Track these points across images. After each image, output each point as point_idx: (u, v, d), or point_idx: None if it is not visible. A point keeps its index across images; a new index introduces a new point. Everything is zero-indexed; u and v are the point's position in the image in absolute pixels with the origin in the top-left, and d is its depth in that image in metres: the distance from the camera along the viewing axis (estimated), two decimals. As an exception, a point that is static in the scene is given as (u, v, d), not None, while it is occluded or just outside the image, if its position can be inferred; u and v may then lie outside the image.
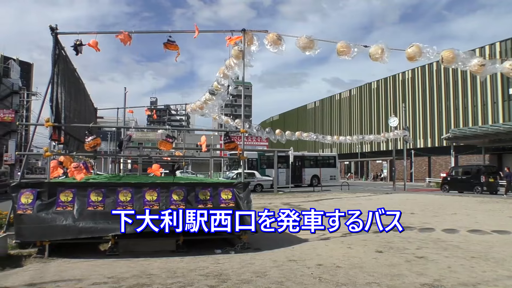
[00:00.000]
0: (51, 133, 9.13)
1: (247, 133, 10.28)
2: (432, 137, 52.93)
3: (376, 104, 64.42)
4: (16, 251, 8.70)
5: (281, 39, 9.61)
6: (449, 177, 33.07)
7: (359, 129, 67.16)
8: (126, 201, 8.61)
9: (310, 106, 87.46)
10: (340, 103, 75.53)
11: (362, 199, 24.77)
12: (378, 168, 65.39)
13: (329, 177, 40.83)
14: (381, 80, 64.13)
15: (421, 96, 54.69)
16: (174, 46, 9.87)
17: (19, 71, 77.78)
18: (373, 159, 64.40)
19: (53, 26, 9.24)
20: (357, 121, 69.04)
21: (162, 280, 6.51)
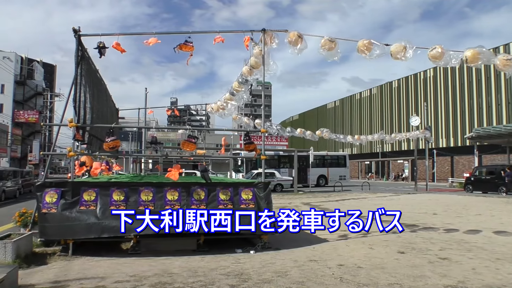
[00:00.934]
0: (75, 133, 9.27)
1: (267, 133, 10.27)
2: (454, 136, 52.09)
3: (397, 103, 63.71)
4: (41, 249, 8.87)
5: (302, 38, 9.56)
6: (472, 177, 32.44)
7: (380, 128, 66.41)
8: (148, 201, 8.70)
9: (330, 105, 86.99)
10: (360, 103, 74.94)
11: (383, 200, 24.52)
12: (400, 168, 64.65)
13: (338, 177, 39.40)
14: (402, 79, 63.40)
15: (444, 95, 53.86)
16: (190, 47, 9.89)
17: (43, 72, 79.35)
18: (394, 158, 63.68)
19: (76, 28, 9.38)
20: (378, 121, 68.39)
21: (183, 279, 6.56)
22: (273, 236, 9.40)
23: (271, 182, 10.26)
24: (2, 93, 62.27)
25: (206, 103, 18.78)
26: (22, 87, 66.16)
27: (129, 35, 10.70)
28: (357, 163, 74.59)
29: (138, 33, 10.60)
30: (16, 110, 62.65)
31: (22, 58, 69.84)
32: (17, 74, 64.93)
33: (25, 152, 63.87)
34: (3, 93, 62.32)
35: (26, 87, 67.10)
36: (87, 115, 10.25)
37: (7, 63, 60.22)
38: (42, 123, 63.04)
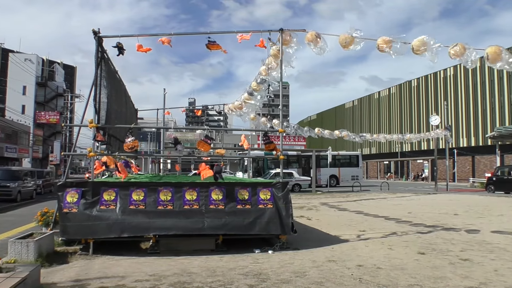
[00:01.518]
0: (95, 134, 9.39)
1: (285, 133, 10.25)
2: (476, 135, 51.26)
3: (416, 102, 62.99)
4: (62, 248, 9.00)
5: (320, 37, 9.50)
6: (494, 177, 31.86)
7: (399, 128, 65.87)
8: (167, 200, 8.76)
9: (348, 105, 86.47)
10: (379, 102, 74.31)
11: (403, 200, 24.26)
12: (419, 168, 63.90)
13: (350, 177, 38.71)
14: (421, 78, 62.65)
15: (464, 93, 53.05)
16: (216, 45, 9.95)
17: (63, 74, 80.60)
18: (414, 158, 62.96)
19: (95, 29, 9.50)
20: (397, 120, 67.73)
21: (202, 279, 6.58)
22: (292, 236, 9.38)
23: (289, 182, 10.21)
24: (24, 94, 63.43)
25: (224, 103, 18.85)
26: (43, 88, 67.31)
27: (148, 36, 10.78)
28: (376, 163, 74.01)
29: (157, 34, 10.68)
30: (37, 111, 63.76)
31: (43, 60, 71.10)
32: (38, 75, 66.08)
33: (46, 152, 64.97)
34: (25, 95, 63.49)
35: (47, 89, 68.27)
36: (106, 115, 10.36)
37: (29, 65, 61.33)
38: (63, 124, 64.02)
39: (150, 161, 31.72)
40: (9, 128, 48.18)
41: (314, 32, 9.57)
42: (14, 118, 53.32)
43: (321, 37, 9.56)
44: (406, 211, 17.27)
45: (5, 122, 48.43)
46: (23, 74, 59.53)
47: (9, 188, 21.69)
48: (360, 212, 17.15)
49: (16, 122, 52.92)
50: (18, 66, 58.32)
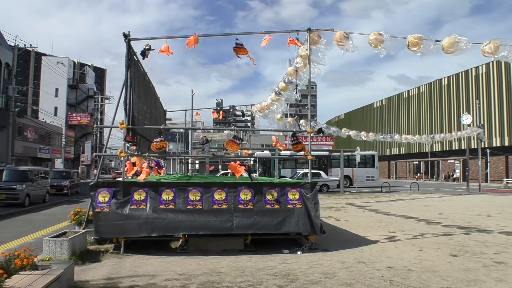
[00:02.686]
0: (125, 134, 9.55)
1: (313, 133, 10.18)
2: (509, 135, 49.81)
3: (447, 101, 61.66)
4: (94, 247, 9.20)
5: (348, 37, 9.41)
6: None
7: (429, 127, 64.62)
8: (196, 200, 8.84)
9: (376, 104, 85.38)
10: (408, 101, 73.10)
11: (433, 201, 23.80)
12: (450, 168, 62.56)
13: (365, 178, 37.30)
14: (452, 76, 61.32)
15: (497, 92, 51.64)
16: (243, 50, 9.93)
17: (94, 76, 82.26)
18: (445, 158, 61.66)
19: (126, 32, 9.65)
20: (427, 119, 66.45)
21: (231, 279, 6.61)
22: (320, 237, 9.33)
23: (317, 183, 10.16)
24: (57, 96, 65.12)
25: (251, 104, 18.90)
26: (75, 90, 68.98)
27: (176, 38, 10.90)
28: (405, 163, 72.81)
29: (185, 36, 10.76)
30: (69, 113, 65.34)
31: (74, 63, 72.81)
32: (70, 78, 67.73)
33: (78, 153, 66.48)
34: (57, 97, 65.17)
35: (78, 91, 69.90)
36: (136, 117, 10.52)
37: (61, 68, 62.90)
38: (95, 125, 65.44)
39: (178, 162, 32.07)
40: (42, 129, 49.51)
41: (343, 31, 9.48)
42: (47, 119, 54.78)
43: (349, 36, 9.46)
44: (437, 212, 16.93)
45: (39, 123, 49.79)
46: (55, 77, 61.13)
47: (15, 191, 19.27)
48: (390, 213, 16.91)
49: (49, 123, 54.33)
50: (50, 69, 59.90)
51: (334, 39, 9.48)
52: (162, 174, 16.38)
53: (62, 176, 29.16)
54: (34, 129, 46.50)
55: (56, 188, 26.12)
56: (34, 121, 49.83)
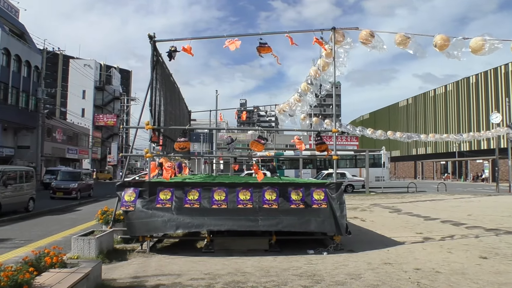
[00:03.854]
0: (151, 135, 9.66)
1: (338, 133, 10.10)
2: (541, 134, 48.36)
3: (475, 100, 60.32)
4: (121, 246, 9.34)
5: (374, 35, 9.29)
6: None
7: (457, 126, 63.34)
8: (221, 200, 8.87)
9: (402, 103, 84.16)
10: (434, 100, 71.81)
11: (461, 201, 23.30)
12: (479, 168, 61.15)
13: (374, 179, 35.38)
14: (480, 74, 59.95)
15: (528, 89, 50.22)
16: (267, 48, 9.90)
17: (119, 78, 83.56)
18: (473, 158, 60.30)
19: (151, 34, 9.76)
20: (455, 118, 65.15)
21: (256, 279, 6.60)
22: (345, 237, 9.24)
23: (342, 183, 10.06)
24: (84, 98, 66.42)
25: (275, 104, 18.87)
26: (101, 92, 70.23)
27: (201, 39, 10.95)
28: (432, 163, 71.53)
29: (209, 37, 10.88)
30: (96, 114, 66.57)
31: (100, 65, 74.24)
32: (96, 80, 69.01)
33: (105, 153, 67.67)
34: (85, 98, 66.48)
35: (105, 92, 71.14)
36: (161, 117, 10.63)
37: (88, 70, 64.14)
38: (121, 126, 66.45)
39: (203, 162, 32.27)
40: (70, 130, 50.57)
41: (369, 30, 9.37)
42: (74, 121, 55.94)
43: (375, 35, 9.34)
44: (465, 213, 16.57)
45: (67, 125, 50.88)
46: (82, 79, 62.36)
47: None
48: (416, 213, 16.62)
49: (77, 124, 55.46)
50: (78, 71, 61.14)
51: (360, 38, 9.37)
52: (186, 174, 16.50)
53: (71, 177, 25.49)
54: (62, 130, 47.56)
55: (63, 191, 23.82)
56: (63, 122, 50.99)
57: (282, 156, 35.34)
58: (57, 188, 24.07)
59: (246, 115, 29.58)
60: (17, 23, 40.40)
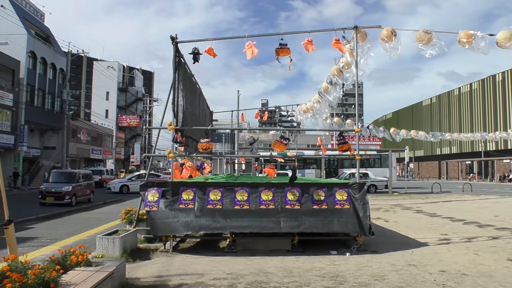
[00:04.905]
0: (174, 135, 9.73)
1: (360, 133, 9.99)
2: None
3: (501, 98, 58.95)
4: (144, 245, 9.44)
5: (396, 34, 9.14)
6: None
7: (482, 125, 62.05)
8: (243, 200, 8.88)
9: (425, 102, 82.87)
10: (459, 98, 70.49)
11: (488, 202, 22.81)
12: (506, 168, 59.81)
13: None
14: (507, 72, 58.56)
15: (557, 88, 48.89)
16: (286, 50, 9.83)
17: (142, 79, 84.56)
18: (500, 158, 59.01)
19: (173, 35, 9.83)
20: (480, 118, 63.83)
21: (278, 279, 6.58)
22: (369, 238, 9.12)
23: (365, 183, 9.95)
24: (107, 99, 67.47)
25: (297, 104, 18.80)
26: (124, 93, 71.26)
27: (222, 39, 10.95)
28: (457, 163, 70.27)
29: (230, 37, 10.88)
30: (119, 115, 67.55)
31: (123, 67, 75.22)
32: (119, 81, 70.01)
33: (128, 154, 68.59)
34: (108, 100, 67.53)
35: (128, 94, 72.16)
36: (183, 118, 10.70)
37: (111, 72, 65.10)
38: (145, 127, 67.33)
39: (225, 162, 32.42)
40: (94, 131, 51.43)
41: (390, 28, 9.24)
42: (98, 122, 56.84)
43: (397, 34, 9.19)
44: (492, 215, 16.21)
45: (91, 126, 51.73)
46: (106, 80, 63.38)
47: None
48: (441, 214, 16.34)
49: (101, 125, 56.36)
50: (101, 73, 62.13)
51: (381, 37, 9.24)
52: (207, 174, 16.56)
53: (64, 178, 21.15)
54: (86, 131, 48.40)
55: (54, 195, 19.78)
56: (87, 123, 51.89)
57: (286, 157, 35.11)
58: (47, 192, 20.00)
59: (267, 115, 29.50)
60: (42, 27, 41.29)
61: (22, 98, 33.58)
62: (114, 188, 30.98)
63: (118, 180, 33.43)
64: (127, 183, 31.50)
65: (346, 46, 10.27)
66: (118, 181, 32.63)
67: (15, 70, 33.29)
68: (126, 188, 30.71)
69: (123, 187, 30.81)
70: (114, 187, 31.14)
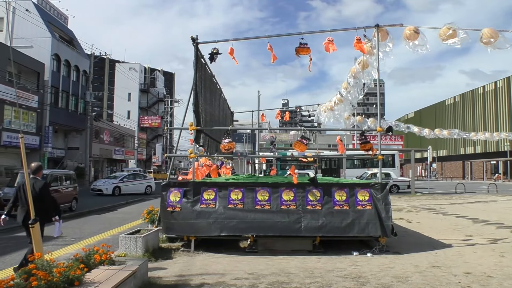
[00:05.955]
0: (195, 136, 9.78)
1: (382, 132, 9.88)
2: None
3: (528, 97, 57.57)
4: (166, 245, 9.51)
5: (418, 32, 9.02)
6: None
7: (508, 125, 60.68)
8: (264, 200, 8.88)
9: (449, 101, 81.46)
10: (484, 97, 69.09)
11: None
12: (532, 168, 58.38)
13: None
14: (533, 70, 57.16)
15: None
16: (306, 49, 9.79)
17: (163, 80, 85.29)
18: (526, 158, 57.63)
19: (194, 36, 9.87)
20: (506, 116, 62.43)
21: (300, 280, 6.55)
22: (391, 239, 9.02)
23: (387, 183, 9.83)
24: (129, 100, 68.31)
25: (317, 103, 18.68)
26: (146, 94, 72.05)
27: (242, 40, 10.96)
28: (481, 162, 68.88)
29: (250, 38, 10.88)
30: (141, 116, 68.32)
31: (145, 68, 76.01)
32: (141, 83, 70.79)
33: (150, 154, 69.29)
34: (130, 101, 68.35)
35: (149, 95, 72.93)
36: (204, 118, 10.75)
37: (133, 74, 65.89)
38: (166, 127, 67.86)
39: (245, 162, 32.46)
40: (117, 132, 52.11)
41: (413, 26, 9.11)
42: (120, 123, 57.61)
43: (419, 32, 9.06)
44: (518, 215, 15.85)
45: (114, 126, 52.46)
46: (128, 82, 64.20)
47: None
48: (465, 215, 16.03)
49: (123, 126, 57.09)
50: (123, 74, 62.97)
51: (404, 35, 9.12)
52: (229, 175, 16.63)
53: None
54: (109, 132, 49.07)
55: None
56: (109, 124, 52.63)
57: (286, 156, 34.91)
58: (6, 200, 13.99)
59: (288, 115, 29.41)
60: (66, 30, 42.04)
61: (46, 99, 34.24)
62: (107, 190, 27.81)
63: (112, 181, 29.14)
64: (119, 184, 28.68)
65: (367, 44, 10.17)
66: (111, 182, 28.92)
67: (40, 73, 33.98)
68: (118, 190, 28.13)
69: (115, 189, 28.13)
70: (107, 188, 27.92)
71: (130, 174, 31.07)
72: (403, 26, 9.32)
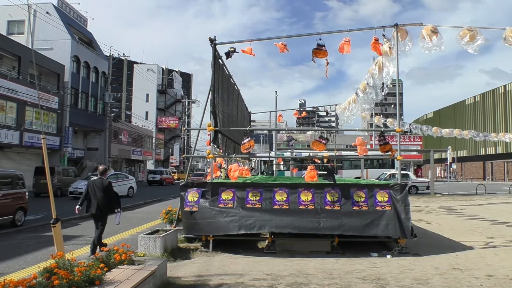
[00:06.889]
0: (213, 136, 9.81)
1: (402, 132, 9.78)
2: None
3: (551, 96, 56.33)
4: (184, 245, 9.57)
5: (437, 32, 8.89)
6: None
7: (530, 124, 59.48)
8: (282, 201, 8.86)
9: (469, 101, 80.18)
10: (505, 96, 67.82)
11: (536, 204, 21.84)
12: (555, 169, 57.12)
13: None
14: (556, 68, 55.91)
15: None
16: (323, 52, 9.70)
17: (181, 81, 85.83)
18: (549, 158, 56.38)
19: (212, 37, 9.90)
20: (527, 116, 61.21)
21: (318, 281, 6.52)
22: (411, 240, 8.92)
23: (407, 184, 9.72)
24: (147, 101, 68.93)
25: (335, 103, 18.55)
26: (164, 95, 72.59)
27: (260, 40, 10.94)
28: (503, 163, 67.65)
29: (268, 38, 10.84)
30: (159, 117, 68.85)
31: (163, 69, 76.62)
32: (159, 84, 71.37)
33: (167, 154, 69.79)
34: (148, 102, 68.97)
35: (167, 95, 73.47)
36: (222, 119, 10.78)
37: (151, 75, 66.46)
38: (184, 128, 68.23)
39: (262, 162, 32.42)
40: (135, 132, 52.60)
41: (431, 25, 8.99)
42: (139, 123, 58.14)
43: (438, 32, 8.92)
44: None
45: (132, 127, 52.97)
46: (146, 83, 64.79)
47: None
48: (486, 217, 15.77)
49: (141, 127, 57.61)
50: (141, 75, 63.56)
51: (422, 35, 8.99)
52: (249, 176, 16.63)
53: None
54: (127, 132, 49.57)
55: None
56: (128, 125, 53.13)
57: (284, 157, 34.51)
58: None
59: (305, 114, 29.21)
60: (85, 32, 42.61)
61: (66, 101, 34.76)
62: None
63: None
64: None
65: (385, 44, 10.06)
66: None
67: (60, 74, 34.51)
68: None
69: None
70: None
71: (112, 174, 30.71)
72: (423, 25, 9.20)
